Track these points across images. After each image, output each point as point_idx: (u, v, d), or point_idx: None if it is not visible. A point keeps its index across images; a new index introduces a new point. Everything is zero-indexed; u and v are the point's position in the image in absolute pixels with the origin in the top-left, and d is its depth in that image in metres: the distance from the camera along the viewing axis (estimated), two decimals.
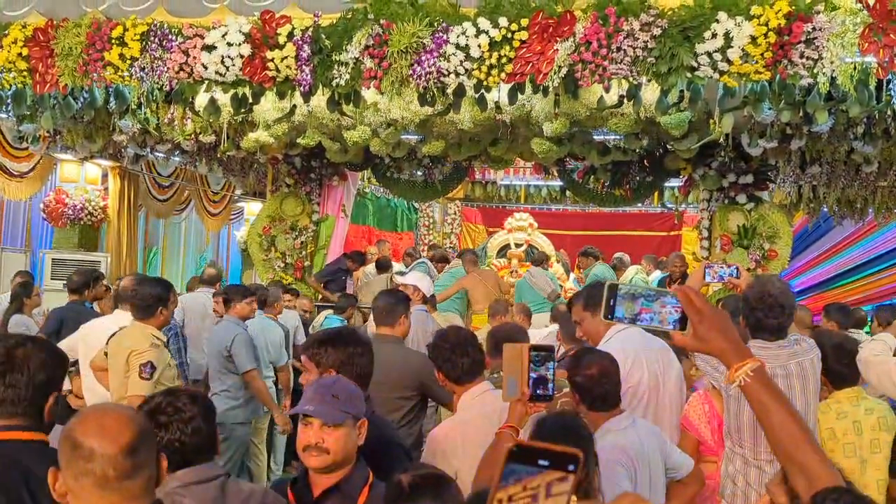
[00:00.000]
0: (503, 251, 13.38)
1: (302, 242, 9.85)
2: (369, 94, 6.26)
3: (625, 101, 5.82)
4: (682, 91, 5.43)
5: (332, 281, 10.13)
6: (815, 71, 5.04)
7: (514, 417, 2.70)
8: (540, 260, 11.29)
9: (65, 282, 7.76)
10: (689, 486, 3.42)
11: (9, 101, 6.64)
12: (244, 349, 6.28)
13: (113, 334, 4.99)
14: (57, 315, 7.08)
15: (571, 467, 1.03)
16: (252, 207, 14.35)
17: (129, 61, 6.10)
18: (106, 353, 4.93)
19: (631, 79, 5.36)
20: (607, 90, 5.56)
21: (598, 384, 3.17)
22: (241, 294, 6.57)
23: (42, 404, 2.54)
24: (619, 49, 5.23)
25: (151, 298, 4.86)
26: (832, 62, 4.99)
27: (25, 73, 6.39)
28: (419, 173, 10.29)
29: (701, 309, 1.63)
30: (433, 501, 2.13)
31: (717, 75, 5.19)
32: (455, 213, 16.13)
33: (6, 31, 6.39)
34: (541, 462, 1.02)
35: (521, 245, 13.08)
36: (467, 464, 2.99)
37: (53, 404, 2.59)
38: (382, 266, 11.08)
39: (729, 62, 5.11)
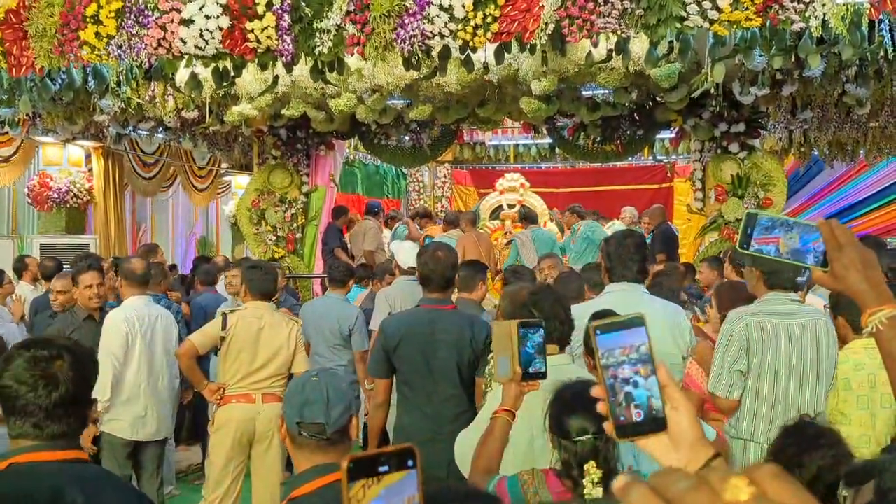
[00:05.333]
0: (496, 213, 13.32)
1: (292, 215, 9.75)
2: (353, 61, 6.13)
3: (613, 55, 5.72)
4: (671, 42, 5.33)
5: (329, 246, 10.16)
6: (806, 15, 4.95)
7: (509, 399, 2.57)
8: (530, 218, 11.13)
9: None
10: None
11: None
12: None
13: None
14: (33, 308, 6.99)
15: (410, 463, 1.03)
16: (239, 181, 14.21)
17: (105, 39, 5.97)
18: (223, 338, 5.09)
19: (619, 32, 5.26)
20: (595, 45, 5.45)
21: None
22: None
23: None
24: (606, 2, 5.12)
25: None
26: (824, 5, 4.90)
27: (0, 57, 6.24)
28: (407, 138, 10.15)
29: (842, 244, 1.48)
30: None
31: (707, 24, 5.09)
32: (445, 177, 15.99)
33: None
34: (381, 469, 1.01)
35: (514, 206, 13.00)
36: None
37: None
38: (371, 211, 11.31)
39: (719, 10, 5.02)
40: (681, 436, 1.23)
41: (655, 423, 1.22)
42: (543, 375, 2.49)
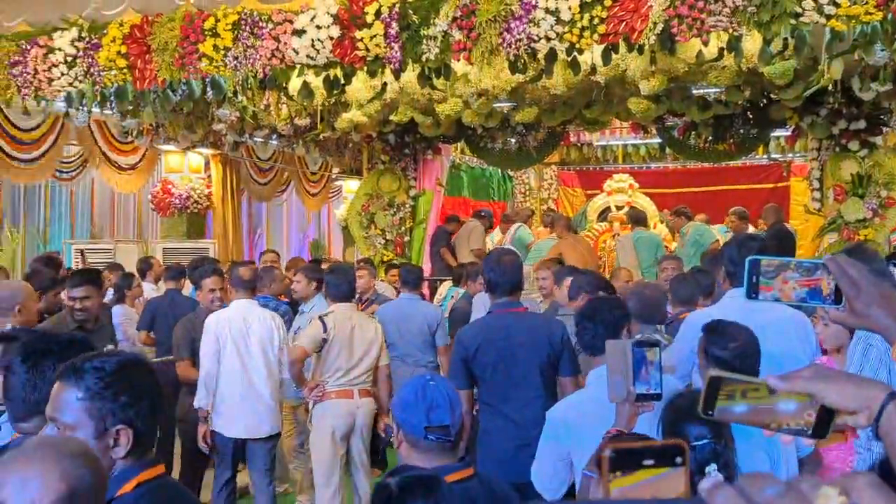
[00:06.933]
0: (604, 214, 13.16)
1: (401, 218, 9.91)
2: (459, 66, 6.18)
3: (725, 53, 5.58)
4: (785, 39, 5.16)
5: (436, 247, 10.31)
6: None
7: (623, 419, 2.52)
8: (639, 220, 10.92)
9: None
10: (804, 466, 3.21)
11: (112, 98, 6.84)
12: None
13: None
14: (149, 308, 7.19)
15: (679, 460, 0.99)
16: (350, 185, 14.51)
17: (222, 51, 6.20)
18: (324, 340, 5.32)
19: (731, 30, 5.12)
20: (706, 44, 5.34)
21: (741, 360, 2.94)
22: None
23: None
24: (716, 0, 5.00)
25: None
26: None
27: (126, 71, 6.57)
28: (513, 141, 10.16)
29: (856, 281, 1.41)
30: (424, 501, 1.99)
31: (823, 20, 4.90)
32: (551, 178, 15.86)
33: (105, 30, 6.57)
34: (645, 462, 0.98)
35: (622, 207, 12.83)
36: (581, 443, 2.87)
37: None
38: (478, 215, 11.39)
39: (836, 5, 4.82)
40: (843, 403, 1.23)
41: (826, 413, 1.21)
42: (658, 397, 2.42)
